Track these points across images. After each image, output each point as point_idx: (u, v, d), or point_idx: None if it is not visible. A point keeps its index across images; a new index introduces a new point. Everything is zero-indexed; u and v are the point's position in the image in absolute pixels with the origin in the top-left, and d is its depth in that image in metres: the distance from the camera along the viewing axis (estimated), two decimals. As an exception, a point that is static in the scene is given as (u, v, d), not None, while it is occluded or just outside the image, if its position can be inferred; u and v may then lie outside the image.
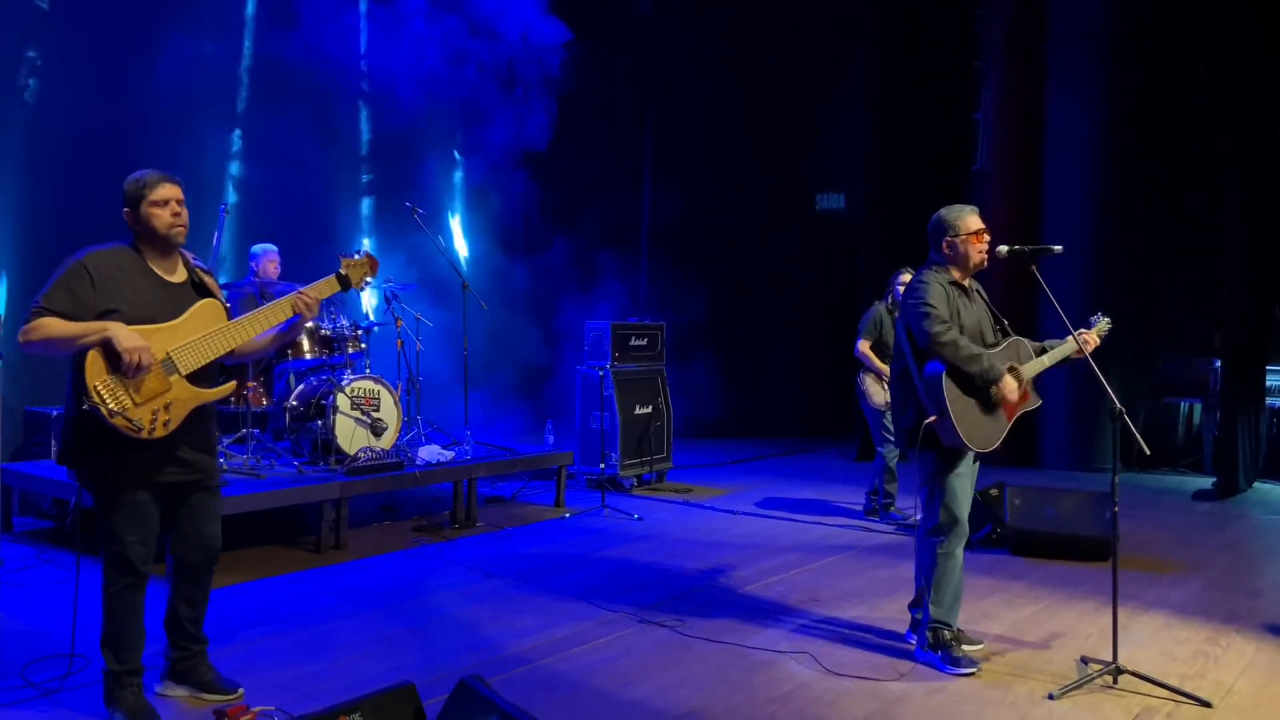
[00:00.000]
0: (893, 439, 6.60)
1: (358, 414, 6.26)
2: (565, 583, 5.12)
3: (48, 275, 3.21)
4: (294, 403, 6.38)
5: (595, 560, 5.62)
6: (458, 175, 10.18)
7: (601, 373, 7.67)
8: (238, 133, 8.24)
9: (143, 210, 3.24)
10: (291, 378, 6.66)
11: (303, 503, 5.74)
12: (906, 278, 6.62)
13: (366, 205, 9.40)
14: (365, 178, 9.36)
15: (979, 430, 3.85)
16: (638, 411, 7.95)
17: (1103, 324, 4.25)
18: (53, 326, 3.08)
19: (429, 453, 6.54)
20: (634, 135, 11.44)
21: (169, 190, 3.26)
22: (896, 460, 6.68)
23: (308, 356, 6.44)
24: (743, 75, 11.25)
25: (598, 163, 10.73)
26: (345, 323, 6.57)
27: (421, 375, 7.10)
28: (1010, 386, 3.86)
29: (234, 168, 8.21)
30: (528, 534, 6.32)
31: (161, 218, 3.26)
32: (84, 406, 3.06)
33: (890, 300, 6.69)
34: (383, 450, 6.27)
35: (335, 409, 6.14)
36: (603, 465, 7.55)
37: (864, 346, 6.65)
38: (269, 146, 8.19)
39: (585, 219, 10.07)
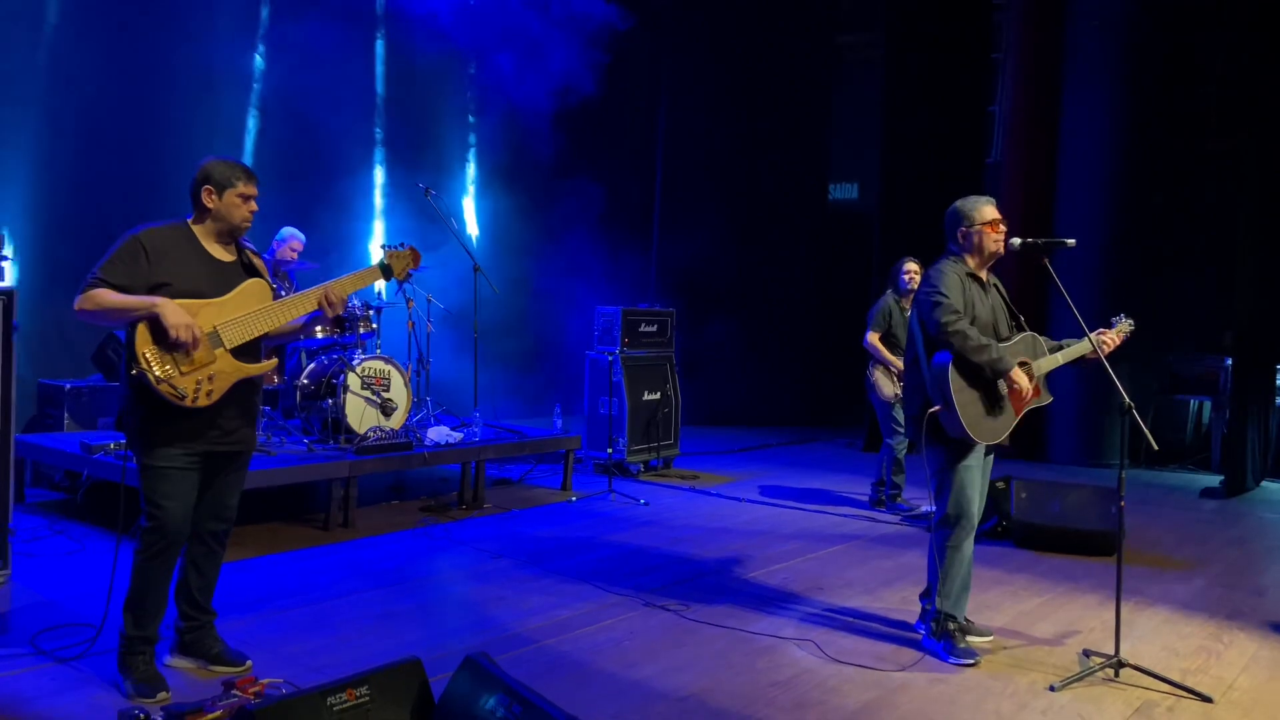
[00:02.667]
0: (902, 431, 6.60)
1: (368, 394, 6.30)
2: (571, 565, 5.15)
3: (60, 240, 3.28)
4: (305, 381, 6.41)
5: (601, 544, 5.65)
6: (472, 137, 10.14)
7: (611, 358, 7.69)
8: (254, 91, 8.23)
9: (226, 198, 3.39)
10: (303, 356, 6.69)
11: (312, 480, 5.78)
12: (910, 266, 6.64)
13: (380, 164, 9.35)
14: (379, 134, 9.32)
15: (983, 422, 3.85)
16: (646, 397, 7.97)
17: (1125, 325, 4.23)
18: (106, 297, 3.21)
19: (438, 434, 6.57)
20: (646, 121, 11.42)
21: (253, 188, 3.44)
22: (905, 452, 6.69)
23: (319, 335, 6.46)
24: (757, 64, 11.21)
25: (609, 148, 10.73)
26: (357, 303, 6.60)
27: (431, 356, 7.13)
28: (1020, 379, 3.86)
29: (251, 121, 8.22)
30: (535, 516, 6.35)
31: (241, 210, 3.43)
32: (132, 371, 3.21)
33: (895, 291, 6.68)
34: (392, 430, 6.30)
35: (346, 388, 6.17)
36: (610, 450, 7.57)
37: (873, 338, 6.64)
38: (285, 91, 8.20)
39: (597, 203, 10.07)
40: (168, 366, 3.22)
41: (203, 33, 7.64)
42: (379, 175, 9.38)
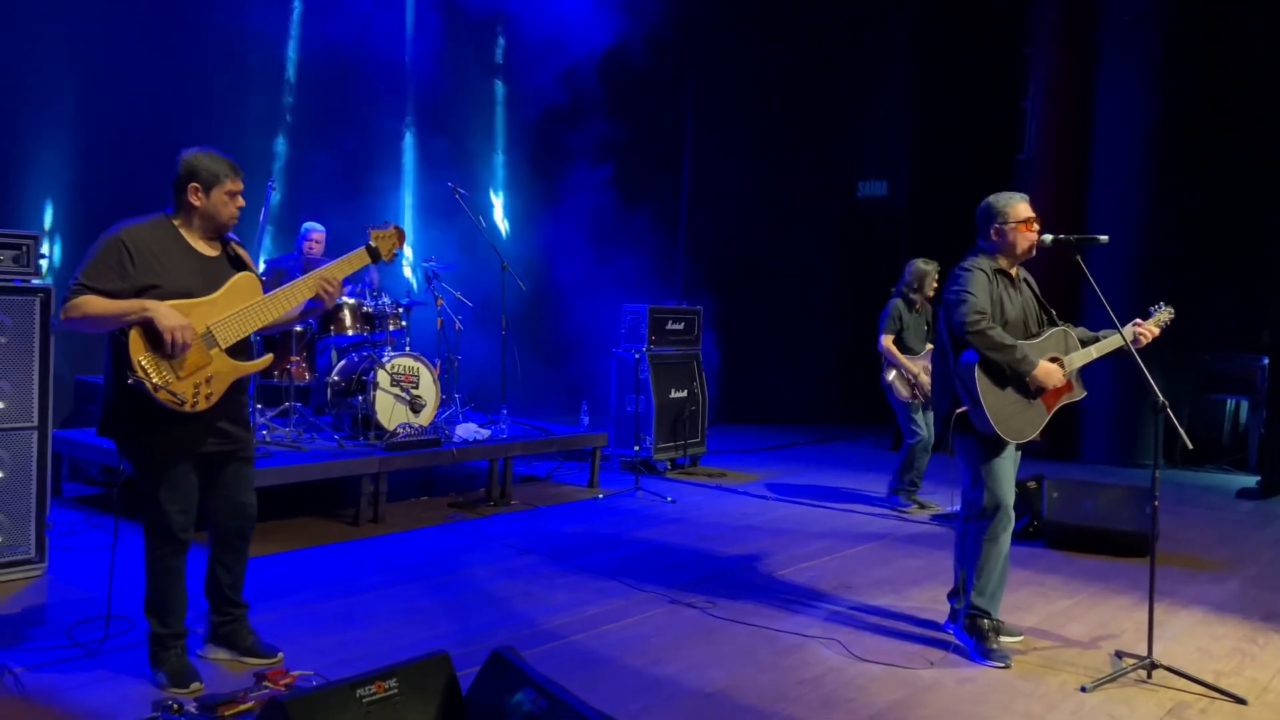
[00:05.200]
0: (922, 431, 6.60)
1: (397, 390, 6.34)
2: (597, 561, 5.16)
3: (95, 235, 3.27)
4: (336, 378, 6.48)
5: (628, 541, 5.66)
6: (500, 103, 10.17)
7: (638, 355, 7.70)
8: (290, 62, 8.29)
9: (214, 195, 3.30)
10: (334, 353, 6.76)
11: (342, 476, 5.83)
12: (924, 266, 6.64)
13: (409, 141, 9.39)
14: (407, 121, 9.36)
15: (1013, 420, 3.81)
16: (673, 395, 7.97)
17: (1164, 314, 4.18)
18: (94, 304, 3.12)
19: (466, 430, 6.62)
20: (675, 120, 11.40)
21: (240, 183, 3.35)
22: (924, 453, 6.70)
23: (350, 333, 6.53)
24: (785, 59, 11.16)
25: (636, 146, 10.70)
26: (387, 300, 6.66)
27: (460, 353, 7.17)
28: (1049, 373, 3.81)
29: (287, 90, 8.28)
30: (562, 513, 6.37)
31: (229, 208, 3.34)
32: (129, 381, 3.11)
33: (909, 292, 6.72)
34: (421, 427, 6.35)
35: (375, 385, 6.23)
36: (637, 448, 7.58)
37: (887, 342, 6.64)
38: (317, 67, 8.25)
39: (625, 200, 10.07)
40: (165, 372, 3.14)
41: (235, 11, 7.73)
42: (409, 160, 9.43)
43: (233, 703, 3.07)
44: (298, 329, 6.27)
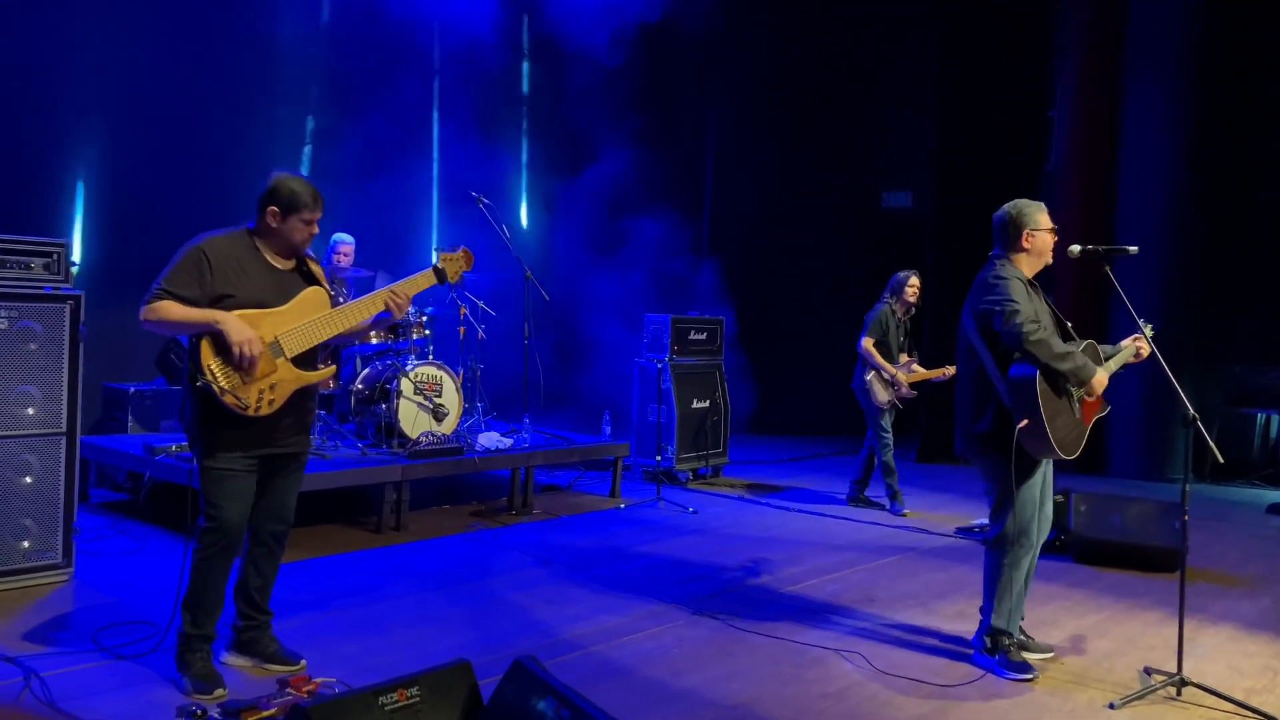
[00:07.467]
0: (889, 435, 6.85)
1: (420, 399, 6.37)
2: (619, 572, 5.15)
3: (125, 243, 3.36)
4: (359, 386, 6.51)
5: (649, 551, 5.64)
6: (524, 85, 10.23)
7: (660, 365, 7.69)
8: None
9: (291, 220, 3.45)
10: (358, 361, 6.80)
11: (365, 484, 5.85)
12: (915, 280, 6.87)
13: (435, 153, 9.46)
14: (435, 125, 9.42)
15: (1070, 434, 3.72)
16: (695, 405, 7.95)
17: (1147, 330, 4.13)
18: (171, 309, 3.28)
19: (488, 439, 6.63)
20: (696, 128, 11.41)
21: (319, 213, 3.50)
22: (892, 454, 6.91)
23: (373, 341, 6.56)
24: (808, 68, 11.15)
25: (660, 157, 10.73)
26: (411, 309, 6.68)
27: (482, 362, 7.19)
28: (1102, 382, 3.75)
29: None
30: (583, 523, 6.36)
31: (302, 233, 3.49)
32: (198, 384, 3.28)
33: (893, 300, 6.87)
34: (444, 435, 6.37)
35: (399, 393, 6.25)
36: (659, 458, 7.56)
37: (868, 344, 6.76)
38: (343, 70, 8.35)
39: (647, 211, 10.09)
40: (232, 377, 3.30)
41: (264, 22, 7.82)
42: (435, 170, 9.51)
43: (255, 709, 3.08)
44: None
